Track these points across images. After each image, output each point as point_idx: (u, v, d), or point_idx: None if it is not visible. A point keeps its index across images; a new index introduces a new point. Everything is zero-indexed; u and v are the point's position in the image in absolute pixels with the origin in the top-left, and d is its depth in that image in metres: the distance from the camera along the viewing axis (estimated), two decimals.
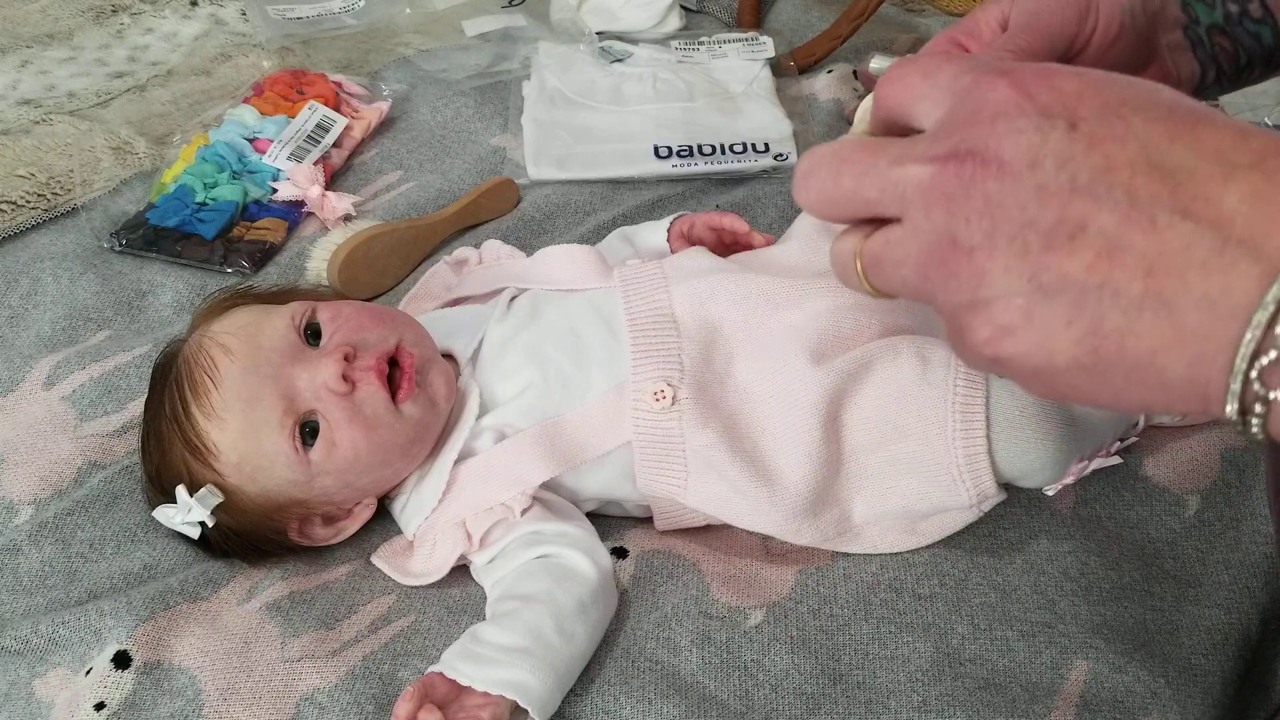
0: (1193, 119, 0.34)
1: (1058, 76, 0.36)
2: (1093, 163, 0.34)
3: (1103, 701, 0.66)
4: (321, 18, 1.34)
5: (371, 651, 0.70)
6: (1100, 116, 0.34)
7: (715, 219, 0.87)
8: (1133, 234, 0.33)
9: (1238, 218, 0.32)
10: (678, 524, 0.78)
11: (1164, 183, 0.33)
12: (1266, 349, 0.31)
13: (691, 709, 0.65)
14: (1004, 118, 0.35)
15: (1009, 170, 0.34)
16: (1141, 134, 0.34)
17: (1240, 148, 0.33)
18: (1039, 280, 0.34)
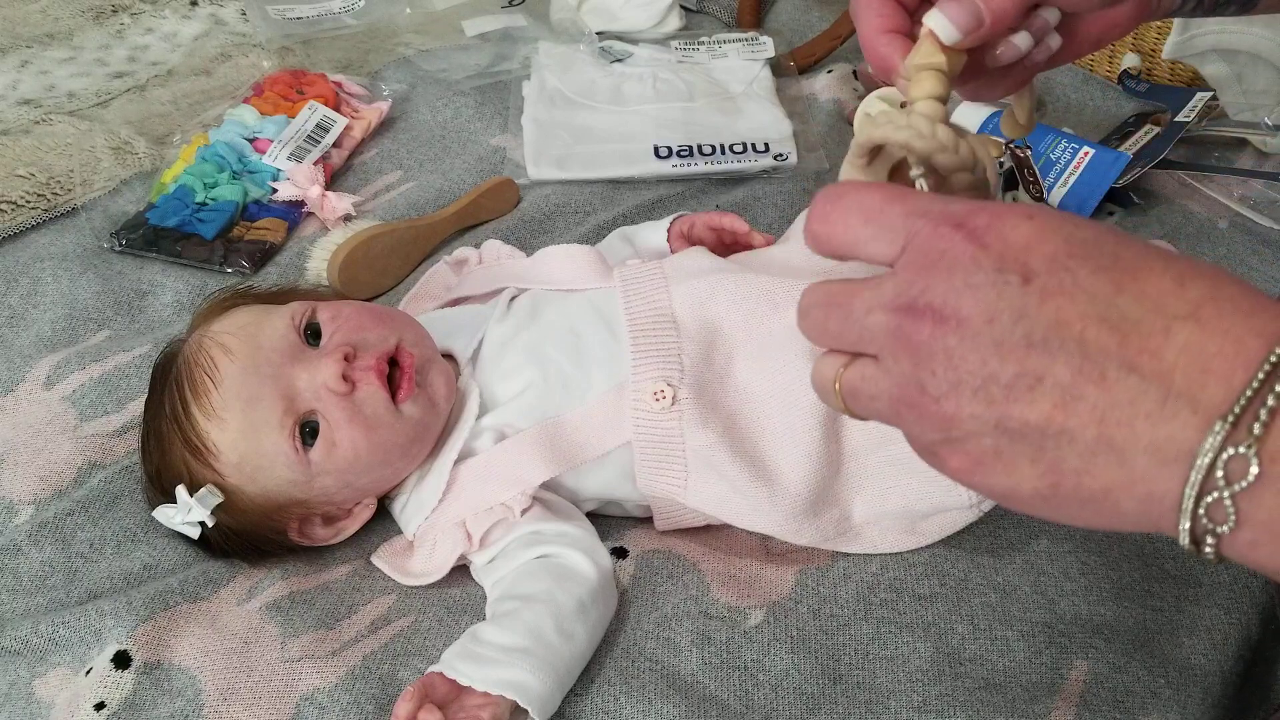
0: (1135, 267, 0.37)
1: (1008, 225, 0.38)
2: (1046, 317, 0.36)
3: (1103, 702, 0.66)
4: (321, 18, 1.34)
5: (371, 651, 0.70)
6: (1050, 269, 0.37)
7: (715, 219, 0.88)
8: (1086, 386, 0.36)
9: (1176, 370, 0.35)
10: (678, 524, 0.78)
11: (1112, 335, 0.36)
12: (1209, 490, 0.35)
13: (691, 709, 0.65)
14: (960, 271, 0.38)
15: (968, 326, 0.37)
16: (1089, 286, 0.36)
17: (1179, 297, 0.36)
18: (1004, 426, 0.37)
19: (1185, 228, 1.08)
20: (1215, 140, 1.18)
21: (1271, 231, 1.07)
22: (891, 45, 0.52)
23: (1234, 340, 0.35)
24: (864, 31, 0.52)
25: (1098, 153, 1.07)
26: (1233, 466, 0.34)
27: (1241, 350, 0.35)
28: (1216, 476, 0.35)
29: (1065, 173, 1.08)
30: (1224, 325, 0.35)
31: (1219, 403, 0.34)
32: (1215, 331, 0.35)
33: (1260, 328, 0.35)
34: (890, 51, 0.52)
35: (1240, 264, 1.04)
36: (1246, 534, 0.35)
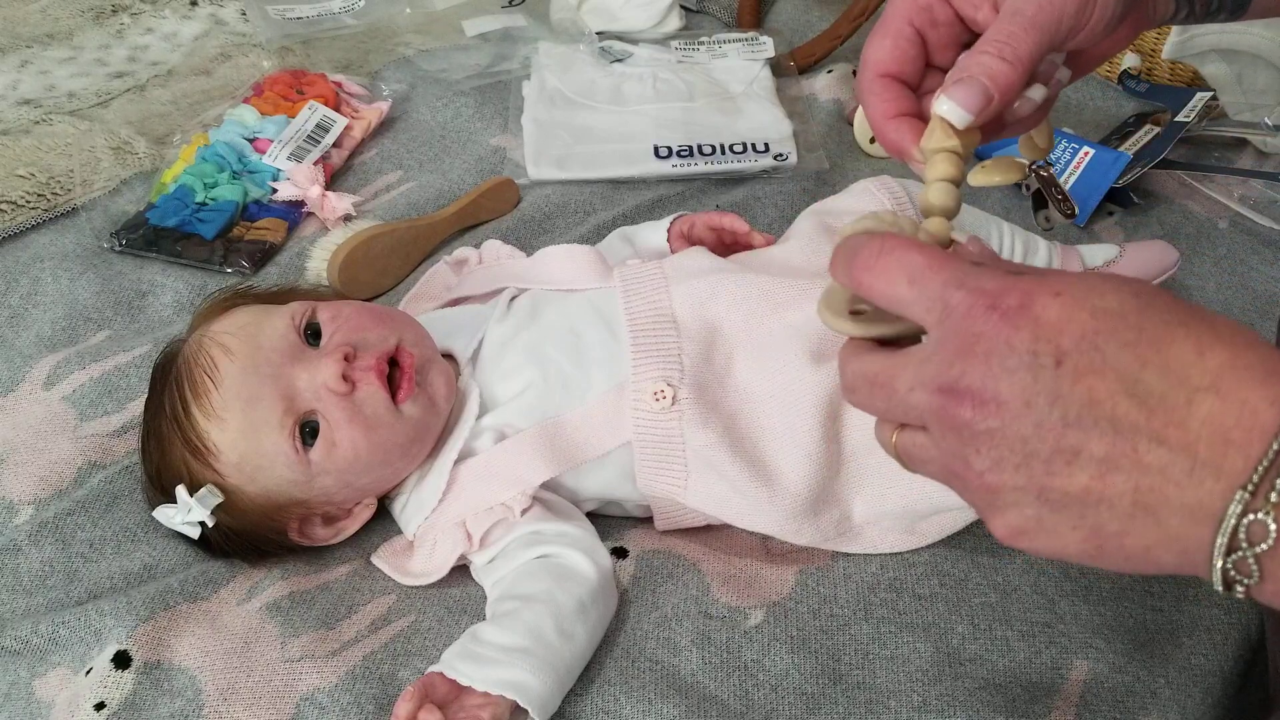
0: (1158, 337, 0.39)
1: (1038, 305, 0.40)
2: (1079, 397, 0.39)
3: (1103, 701, 0.66)
4: (321, 18, 1.34)
5: (371, 651, 0.70)
6: (1079, 349, 0.39)
7: (715, 219, 0.87)
8: (1120, 459, 0.39)
9: (1200, 442, 0.38)
10: (678, 524, 0.78)
11: (1140, 410, 0.39)
12: (1235, 549, 0.38)
13: (691, 709, 0.65)
14: (997, 356, 0.40)
15: (1008, 409, 0.40)
16: (1116, 363, 0.39)
17: (1199, 368, 0.38)
18: (1046, 497, 0.40)
19: (1185, 228, 1.08)
20: (1215, 140, 1.18)
21: (1271, 231, 1.07)
22: (901, 131, 0.52)
23: (1250, 411, 0.38)
24: (873, 117, 0.53)
25: (1098, 153, 1.07)
26: (1254, 530, 0.37)
27: (1257, 421, 0.37)
28: (1240, 538, 0.38)
29: (1065, 173, 1.08)
30: (1241, 395, 0.38)
31: (1239, 471, 0.37)
32: (1234, 401, 0.38)
33: (1274, 395, 0.37)
34: (900, 137, 0.52)
35: (1240, 264, 1.04)
36: (1270, 586, 0.38)
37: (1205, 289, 1.01)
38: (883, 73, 0.51)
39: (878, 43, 0.51)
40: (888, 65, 0.51)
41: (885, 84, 0.51)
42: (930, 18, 0.51)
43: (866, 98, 0.51)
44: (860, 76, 0.52)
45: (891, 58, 0.51)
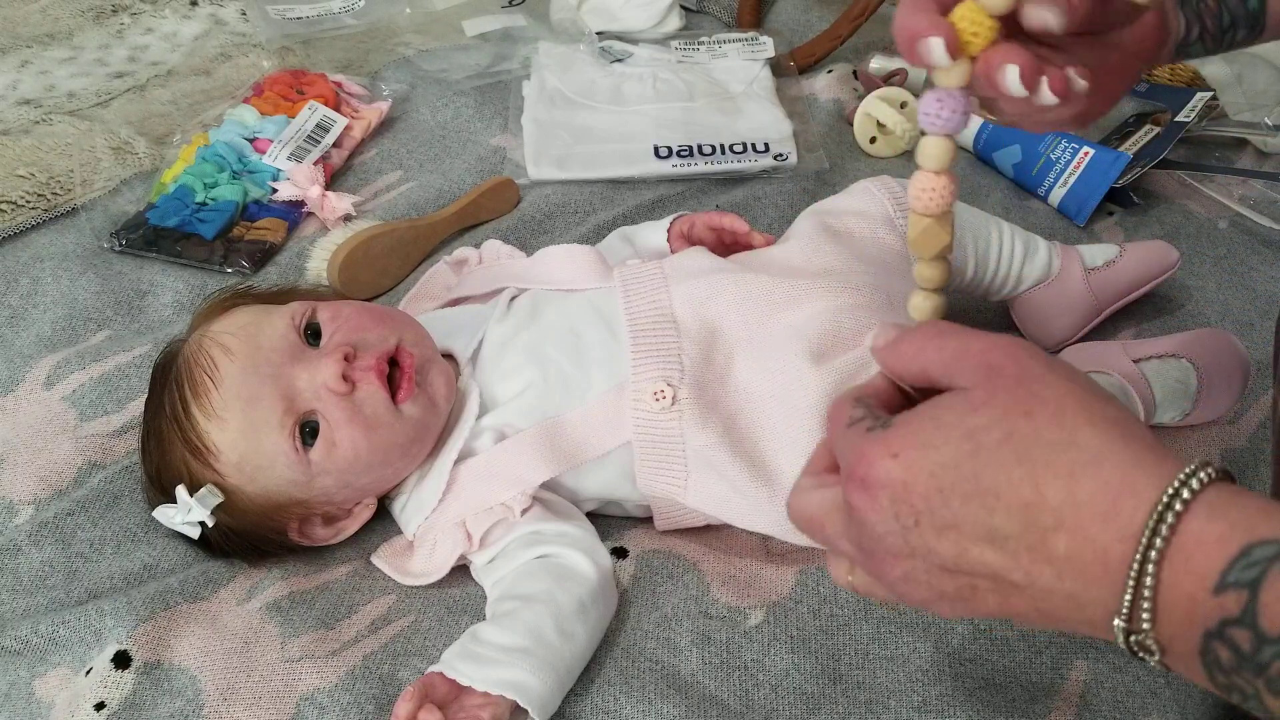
0: (994, 485, 0.41)
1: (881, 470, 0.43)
2: (947, 550, 0.42)
3: (1103, 701, 0.66)
4: (321, 18, 1.34)
5: (371, 651, 0.70)
6: (929, 506, 0.42)
7: (715, 219, 0.87)
8: (1010, 592, 0.41)
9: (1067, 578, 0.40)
10: (678, 524, 0.78)
11: (1004, 554, 0.41)
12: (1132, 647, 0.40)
13: (691, 709, 0.65)
14: (869, 524, 0.43)
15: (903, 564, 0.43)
16: (966, 516, 0.41)
17: (1042, 508, 0.40)
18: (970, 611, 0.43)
19: (1185, 228, 1.08)
20: (1215, 140, 1.18)
21: (1272, 231, 1.07)
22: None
23: (1102, 549, 0.39)
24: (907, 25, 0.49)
25: (1098, 153, 1.07)
26: (1143, 643, 0.39)
27: (1109, 560, 0.39)
28: (1133, 644, 0.40)
29: (1065, 173, 1.08)
30: (1090, 533, 0.39)
31: (1110, 600, 0.39)
32: (1083, 540, 0.39)
33: (1119, 531, 0.39)
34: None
35: (1240, 264, 1.04)
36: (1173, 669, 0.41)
37: (1205, 289, 1.01)
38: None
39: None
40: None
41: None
42: None
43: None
44: None
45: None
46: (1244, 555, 0.37)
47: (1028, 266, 0.91)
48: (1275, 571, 0.36)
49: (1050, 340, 0.94)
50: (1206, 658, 0.38)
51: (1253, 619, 0.36)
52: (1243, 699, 0.37)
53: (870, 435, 0.44)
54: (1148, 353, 0.85)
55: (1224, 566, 0.37)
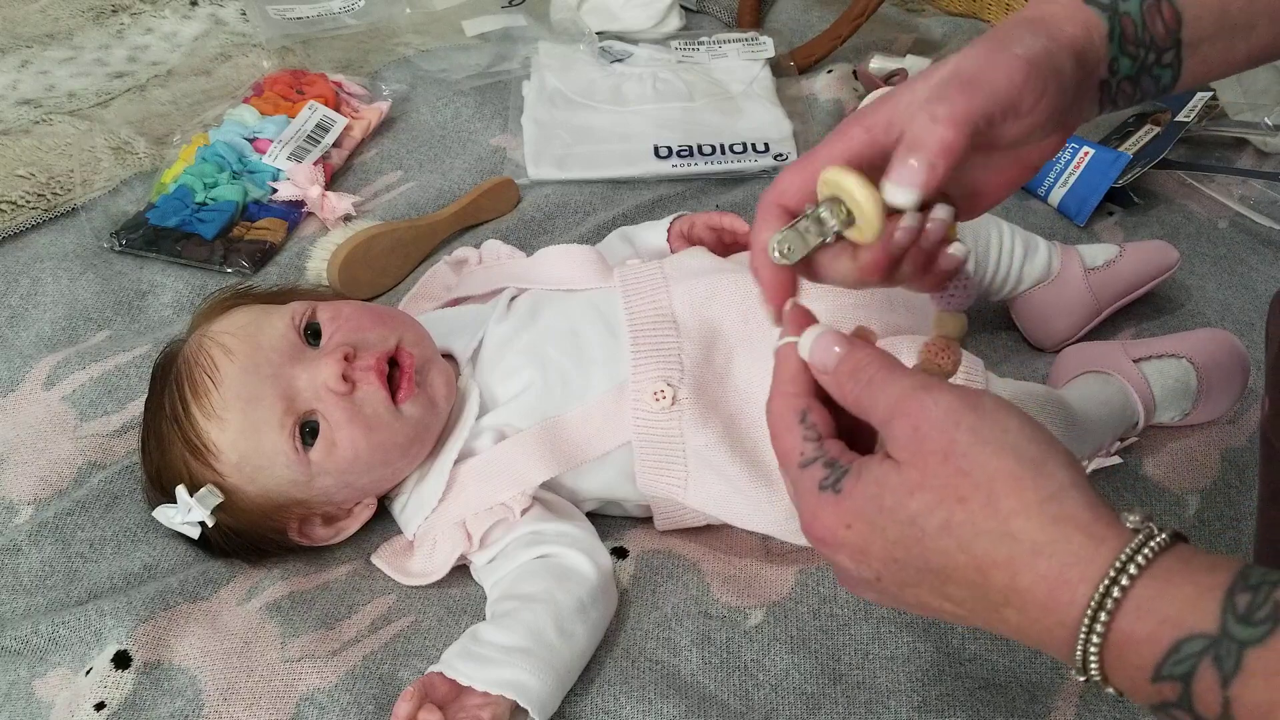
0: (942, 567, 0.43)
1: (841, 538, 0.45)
2: (910, 601, 0.45)
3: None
4: (321, 18, 1.34)
5: (371, 651, 0.70)
6: (888, 568, 0.45)
7: (715, 219, 0.87)
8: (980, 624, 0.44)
9: (1026, 637, 0.43)
10: (678, 524, 0.78)
11: (963, 609, 0.44)
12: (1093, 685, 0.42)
13: (691, 709, 0.65)
14: (840, 571, 0.48)
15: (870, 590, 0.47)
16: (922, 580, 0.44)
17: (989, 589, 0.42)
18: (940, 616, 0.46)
19: (1185, 228, 1.08)
20: (1215, 140, 1.18)
21: (1272, 231, 1.07)
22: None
23: (1046, 629, 0.42)
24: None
25: (1098, 153, 1.07)
26: (1103, 684, 0.42)
27: (1057, 638, 0.42)
28: (1095, 680, 0.42)
29: (1065, 173, 1.08)
30: (1035, 615, 0.42)
31: (1066, 655, 0.42)
32: (1031, 620, 0.42)
33: (1059, 618, 0.41)
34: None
35: (1240, 264, 1.04)
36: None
37: (1205, 289, 1.01)
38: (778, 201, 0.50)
39: (789, 175, 0.50)
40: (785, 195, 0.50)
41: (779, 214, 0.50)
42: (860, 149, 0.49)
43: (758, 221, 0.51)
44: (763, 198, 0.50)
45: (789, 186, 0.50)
46: (1173, 652, 0.39)
47: (1028, 266, 0.91)
48: (1205, 665, 0.38)
49: (1050, 340, 0.94)
50: (1163, 710, 0.40)
51: (1189, 705, 0.39)
52: None
53: (824, 497, 0.46)
54: (1148, 353, 0.85)
55: (1158, 662, 0.39)
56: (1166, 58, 0.52)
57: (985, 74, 0.47)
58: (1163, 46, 0.52)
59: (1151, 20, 0.51)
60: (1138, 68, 0.52)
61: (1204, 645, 0.38)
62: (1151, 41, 0.52)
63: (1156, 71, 0.53)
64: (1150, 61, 0.52)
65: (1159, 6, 0.51)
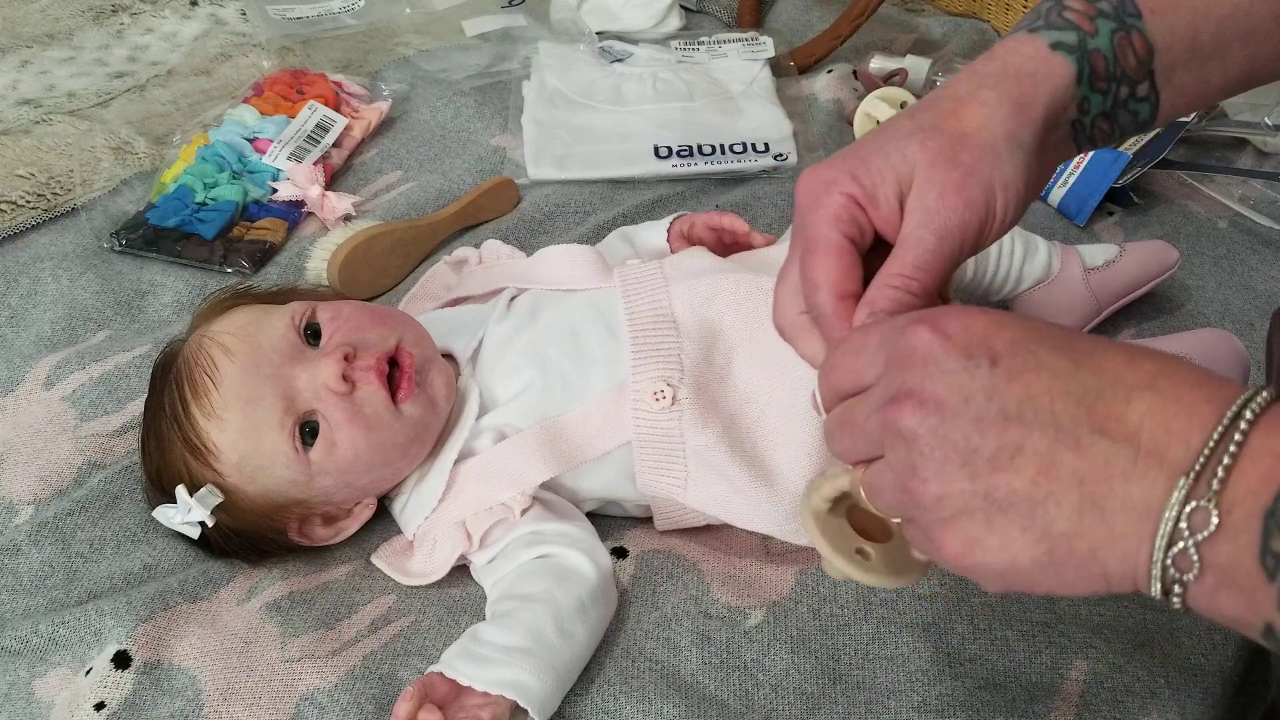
0: (1090, 348, 0.41)
1: (970, 317, 0.42)
2: (1016, 393, 0.40)
3: (1103, 701, 0.66)
4: (321, 18, 1.34)
5: (371, 651, 0.70)
6: (1012, 351, 0.41)
7: (715, 219, 0.87)
8: (1063, 453, 0.39)
9: (1143, 433, 0.39)
10: (678, 524, 0.78)
11: (1079, 406, 0.39)
12: (1177, 540, 0.38)
13: (691, 709, 0.65)
14: (932, 361, 0.41)
15: (947, 407, 0.41)
16: (1050, 364, 0.40)
17: (1133, 370, 0.40)
18: (993, 497, 0.40)
19: (1185, 228, 1.08)
20: (1215, 140, 1.18)
21: (1272, 231, 1.07)
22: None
23: (1188, 406, 0.38)
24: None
25: (1097, 152, 1.07)
26: (1196, 518, 0.38)
27: (1196, 414, 0.38)
28: (1182, 528, 0.38)
29: (1065, 172, 1.08)
30: (1178, 393, 0.39)
31: (1182, 461, 0.38)
32: (1171, 399, 0.39)
33: (1209, 395, 0.39)
34: None
35: (1240, 264, 1.04)
36: (1209, 580, 0.38)
37: (1205, 289, 1.01)
38: (842, 294, 0.49)
39: (820, 261, 0.49)
40: (841, 284, 0.49)
41: (850, 305, 0.49)
42: (856, 228, 0.49)
43: (838, 323, 0.49)
44: (818, 300, 0.49)
45: (841, 275, 0.49)
46: None
47: (1027, 266, 0.91)
48: None
49: None
50: (1272, 519, 0.36)
51: None
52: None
53: (953, 305, 0.43)
54: None
55: None
56: (1141, 90, 0.52)
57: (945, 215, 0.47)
58: (1135, 79, 0.51)
59: (1123, 52, 0.51)
60: (1111, 103, 0.52)
61: None
62: (1123, 74, 0.51)
63: (1133, 105, 0.52)
64: (1124, 95, 0.52)
65: (1130, 38, 0.51)
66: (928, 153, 0.48)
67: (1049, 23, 0.51)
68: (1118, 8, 0.51)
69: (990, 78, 0.49)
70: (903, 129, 0.49)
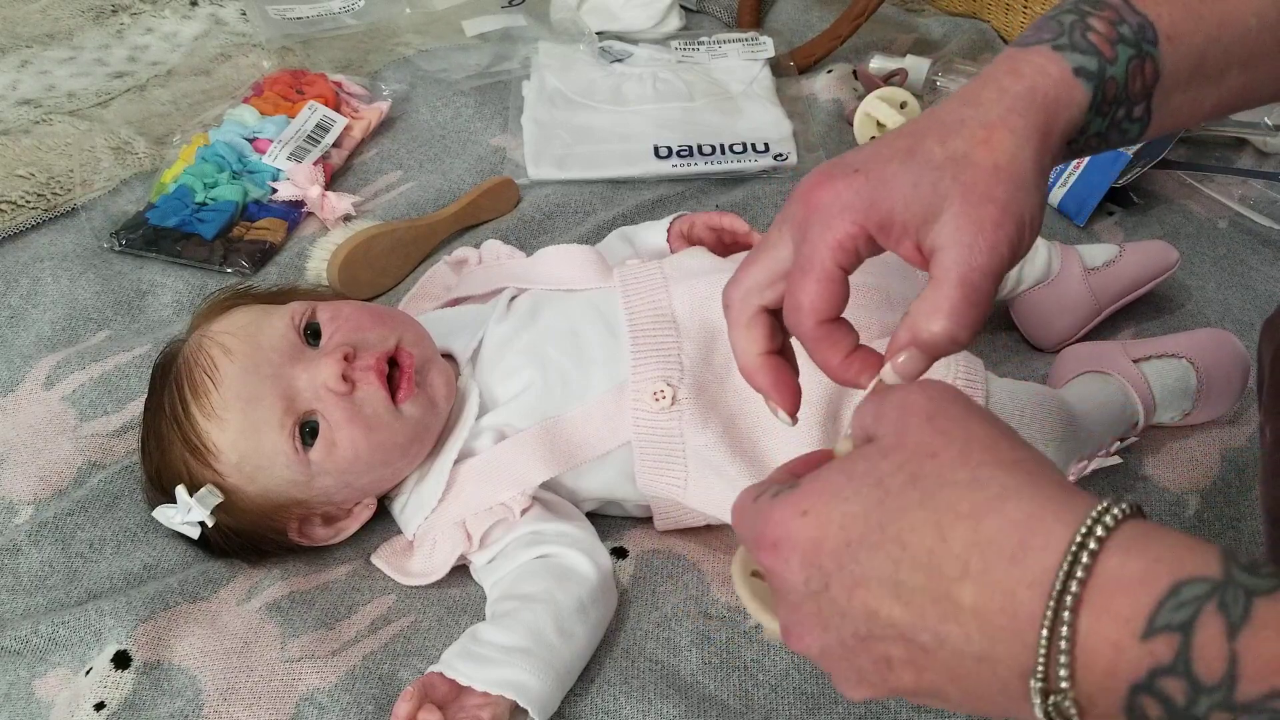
0: (898, 533, 0.39)
1: (793, 529, 0.41)
2: (858, 610, 0.40)
3: None
4: (321, 18, 1.34)
5: (371, 651, 0.70)
6: (839, 566, 0.40)
7: (715, 219, 0.87)
8: (923, 657, 0.39)
9: (976, 633, 0.37)
10: (678, 524, 0.78)
11: (911, 610, 0.39)
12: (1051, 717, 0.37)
13: (691, 709, 0.65)
14: (784, 593, 0.42)
15: (820, 639, 0.42)
16: (872, 570, 0.39)
17: (946, 556, 0.38)
18: (894, 690, 0.41)
19: (1185, 228, 1.08)
20: (1215, 140, 1.18)
21: (1271, 231, 1.07)
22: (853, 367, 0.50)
23: (1010, 596, 0.37)
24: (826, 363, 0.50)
25: None
26: (1062, 708, 0.36)
27: (1019, 610, 0.36)
28: (1051, 711, 0.37)
29: (1065, 172, 1.08)
30: (996, 578, 0.37)
31: (1023, 658, 0.37)
32: (990, 587, 0.37)
33: (1025, 575, 0.36)
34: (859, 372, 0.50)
35: (1240, 264, 1.04)
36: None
37: (1205, 289, 1.01)
38: (822, 319, 0.49)
39: (810, 287, 0.48)
40: (825, 311, 0.49)
41: (828, 329, 0.49)
42: (855, 260, 0.49)
43: (814, 345, 0.49)
44: (799, 321, 0.49)
45: (827, 304, 0.48)
46: (1173, 594, 0.34)
47: (1027, 266, 0.91)
48: (1209, 612, 0.33)
49: (1050, 340, 0.94)
50: (1132, 715, 0.35)
51: (1186, 666, 0.33)
52: None
53: (779, 499, 0.43)
54: (1148, 353, 0.85)
55: (1151, 609, 0.34)
56: (1137, 111, 0.51)
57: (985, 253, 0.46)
58: (1135, 102, 0.51)
59: (1133, 78, 0.50)
60: (1108, 124, 0.51)
61: (1207, 589, 0.33)
62: (1126, 98, 0.50)
63: (1125, 125, 0.52)
64: (1120, 116, 0.51)
65: (1143, 66, 0.50)
66: (961, 187, 0.47)
67: (1073, 43, 0.49)
68: (1138, 33, 0.50)
69: (1020, 100, 0.48)
70: (933, 157, 0.47)
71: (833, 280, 0.48)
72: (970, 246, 0.46)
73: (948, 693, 0.40)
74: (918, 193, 0.47)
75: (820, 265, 0.48)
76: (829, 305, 0.49)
